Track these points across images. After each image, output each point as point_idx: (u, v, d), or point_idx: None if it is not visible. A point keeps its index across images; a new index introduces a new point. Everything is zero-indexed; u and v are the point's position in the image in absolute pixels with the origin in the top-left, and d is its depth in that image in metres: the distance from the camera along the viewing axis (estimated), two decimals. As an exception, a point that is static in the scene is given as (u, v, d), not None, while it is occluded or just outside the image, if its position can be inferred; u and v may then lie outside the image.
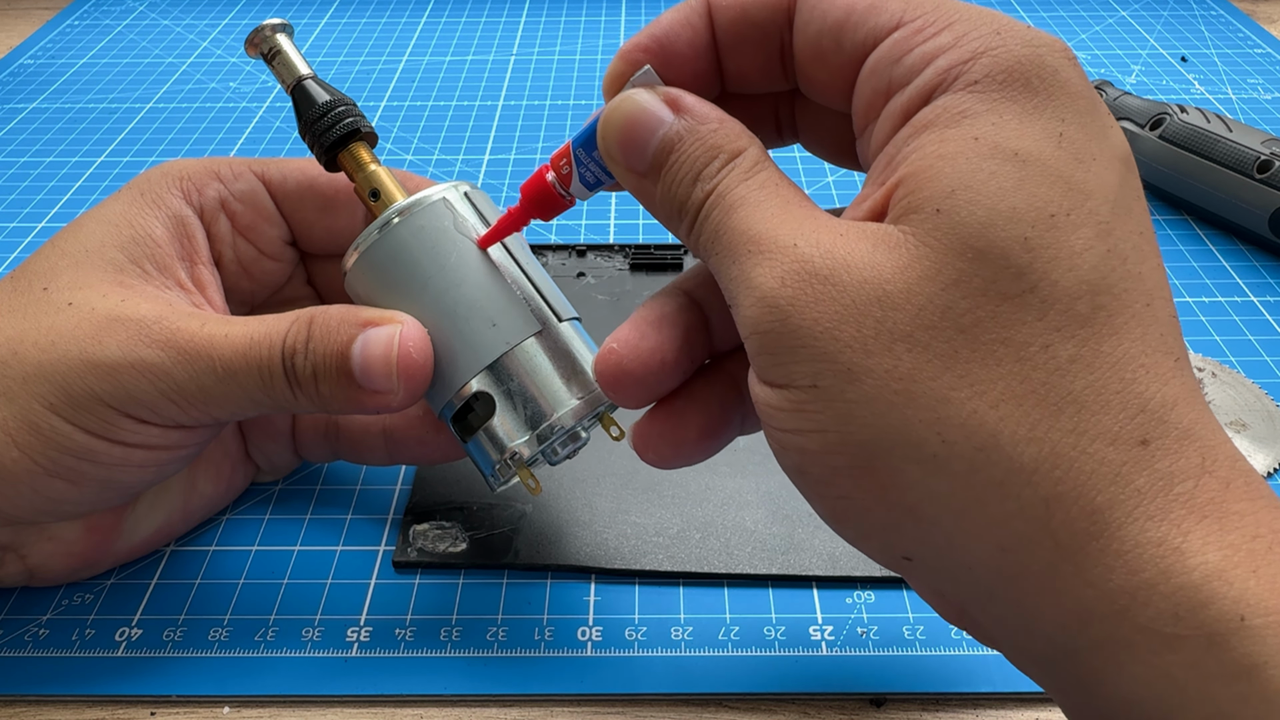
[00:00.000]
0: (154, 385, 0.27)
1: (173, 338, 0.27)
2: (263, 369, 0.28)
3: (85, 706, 0.30)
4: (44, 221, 0.52)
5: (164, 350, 0.27)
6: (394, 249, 0.29)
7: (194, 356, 0.27)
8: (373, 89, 0.66)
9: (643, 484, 0.36)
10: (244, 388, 0.28)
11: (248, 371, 0.27)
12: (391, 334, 0.28)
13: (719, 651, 0.31)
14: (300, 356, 0.28)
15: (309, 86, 0.31)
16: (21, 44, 0.74)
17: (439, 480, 0.36)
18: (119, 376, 0.27)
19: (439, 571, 0.33)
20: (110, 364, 0.27)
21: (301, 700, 0.30)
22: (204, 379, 0.27)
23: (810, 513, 0.34)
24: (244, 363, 0.27)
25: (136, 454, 0.28)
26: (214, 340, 0.28)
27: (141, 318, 0.28)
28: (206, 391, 0.27)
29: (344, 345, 0.28)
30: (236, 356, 0.27)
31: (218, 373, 0.27)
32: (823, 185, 0.55)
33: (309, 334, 0.28)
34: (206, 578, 0.33)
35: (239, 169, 0.33)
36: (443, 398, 0.29)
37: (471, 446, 0.29)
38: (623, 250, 0.48)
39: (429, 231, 0.29)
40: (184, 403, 0.28)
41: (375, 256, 0.29)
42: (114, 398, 0.27)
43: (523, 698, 0.30)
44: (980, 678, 0.30)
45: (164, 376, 0.27)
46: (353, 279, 0.30)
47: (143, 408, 0.27)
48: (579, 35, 0.75)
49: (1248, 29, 0.73)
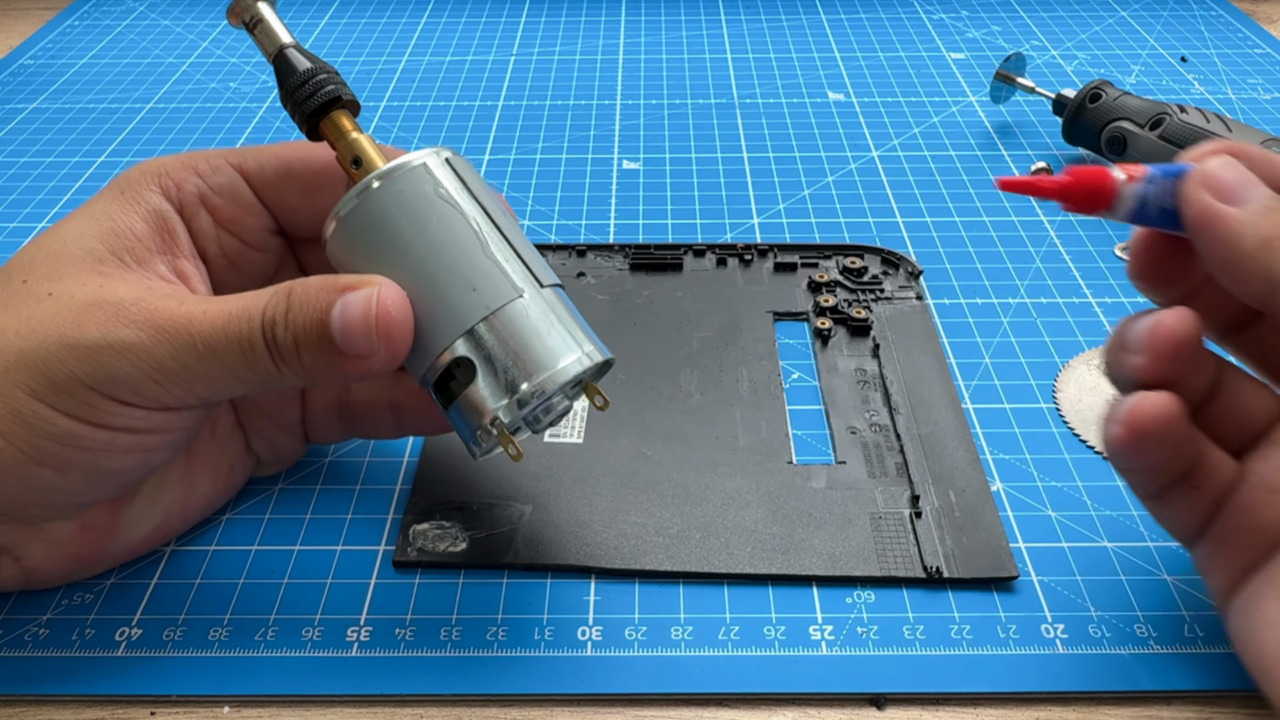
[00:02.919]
0: (134, 365, 0.27)
1: (151, 317, 0.27)
2: (243, 343, 0.27)
3: (85, 706, 0.30)
4: (44, 221, 0.52)
5: (142, 329, 0.27)
6: (374, 214, 0.29)
7: (173, 334, 0.27)
8: (373, 89, 0.66)
9: (643, 484, 0.36)
10: (226, 364, 0.28)
11: (228, 346, 0.27)
12: (369, 295, 0.28)
13: (719, 651, 0.31)
14: (280, 328, 0.27)
15: (290, 55, 0.30)
16: (22, 44, 0.74)
17: (439, 480, 0.36)
18: (99, 358, 0.27)
19: (439, 571, 0.33)
20: (89, 346, 0.27)
21: (301, 700, 0.30)
22: (185, 356, 0.27)
23: (810, 512, 0.34)
24: (224, 338, 0.27)
25: (122, 438, 0.28)
26: (192, 317, 0.28)
27: (119, 300, 0.28)
28: (189, 370, 0.27)
29: (323, 311, 0.27)
30: (216, 332, 0.27)
31: (198, 349, 0.27)
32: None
33: (288, 304, 0.28)
34: (206, 577, 0.33)
35: (216, 162, 0.33)
36: (424, 364, 0.29)
37: (453, 414, 0.29)
38: (623, 250, 0.48)
39: (409, 196, 0.29)
40: (166, 382, 0.27)
41: (355, 222, 0.29)
42: (95, 380, 0.27)
43: (523, 698, 0.30)
44: (980, 678, 0.30)
45: (144, 355, 0.27)
46: (333, 247, 0.30)
47: (125, 389, 0.27)
48: (579, 35, 0.75)
49: (1247, 29, 0.73)
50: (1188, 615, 0.31)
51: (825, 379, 0.41)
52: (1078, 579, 0.33)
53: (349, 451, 0.38)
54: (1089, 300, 0.45)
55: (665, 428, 0.38)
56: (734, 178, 0.56)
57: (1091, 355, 0.42)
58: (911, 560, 0.33)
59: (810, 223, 0.51)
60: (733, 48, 0.72)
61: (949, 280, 0.47)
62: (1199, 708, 0.29)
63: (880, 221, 0.51)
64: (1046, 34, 0.73)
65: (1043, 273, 0.47)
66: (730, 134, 0.60)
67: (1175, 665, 0.30)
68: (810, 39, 0.73)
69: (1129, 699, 0.30)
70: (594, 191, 0.54)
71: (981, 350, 0.42)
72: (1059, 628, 0.31)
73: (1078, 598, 0.32)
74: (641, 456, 0.37)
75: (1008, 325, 0.44)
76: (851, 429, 0.38)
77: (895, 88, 0.66)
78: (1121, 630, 0.31)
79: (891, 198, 0.53)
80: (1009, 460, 0.37)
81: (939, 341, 0.42)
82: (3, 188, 0.55)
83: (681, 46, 0.72)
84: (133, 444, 0.29)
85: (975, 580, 0.32)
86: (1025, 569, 0.33)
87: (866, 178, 0.55)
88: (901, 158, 0.57)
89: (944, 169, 0.56)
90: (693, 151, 0.58)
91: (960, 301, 0.45)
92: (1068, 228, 0.51)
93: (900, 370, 0.40)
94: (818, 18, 0.77)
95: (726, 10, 0.79)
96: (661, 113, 0.63)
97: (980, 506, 0.35)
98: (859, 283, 0.45)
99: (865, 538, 0.34)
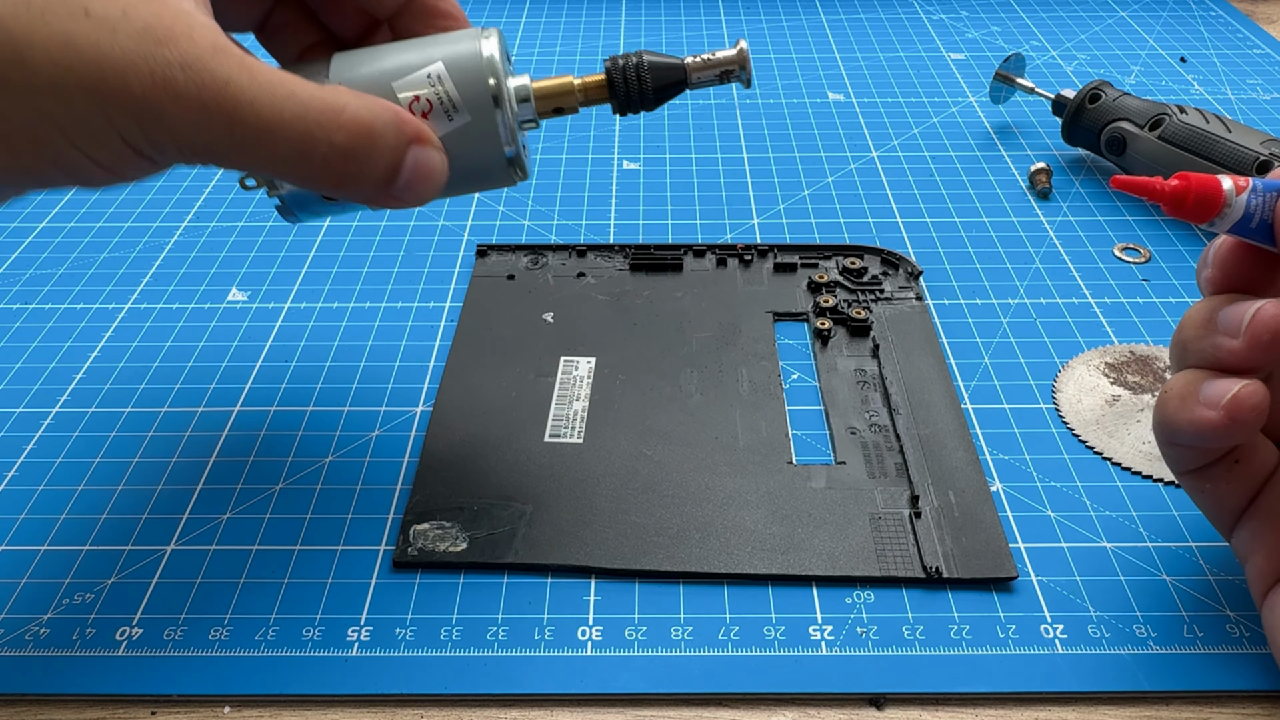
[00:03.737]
0: (177, 139, 0.25)
1: (208, 89, 0.25)
2: (304, 145, 0.26)
3: (85, 706, 0.30)
4: (45, 221, 0.52)
5: (201, 110, 0.25)
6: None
7: (233, 117, 0.25)
8: (373, 89, 0.66)
9: (643, 484, 0.36)
10: (270, 155, 0.26)
11: (288, 142, 0.26)
12: (438, 160, 0.29)
13: (719, 651, 0.31)
14: (352, 158, 0.27)
15: None
16: (21, 44, 0.73)
17: (439, 480, 0.36)
18: (146, 121, 0.24)
19: (439, 571, 0.33)
20: (141, 101, 0.24)
21: (301, 700, 0.30)
22: (235, 137, 0.25)
23: (810, 513, 0.34)
24: (285, 133, 0.26)
25: (108, 176, 0.26)
26: (256, 102, 0.25)
27: (174, 53, 0.24)
28: (229, 150, 0.26)
29: (398, 162, 0.28)
30: (280, 124, 0.26)
31: (250, 134, 0.25)
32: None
33: (371, 139, 0.27)
34: (207, 577, 0.33)
35: None
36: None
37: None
38: (623, 250, 0.48)
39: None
40: (196, 155, 0.26)
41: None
42: (131, 138, 0.25)
43: (523, 698, 0.30)
44: (980, 678, 0.30)
45: (193, 130, 0.25)
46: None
47: (156, 149, 0.25)
48: (579, 35, 0.75)
49: (1247, 29, 0.73)
50: (1187, 616, 0.31)
51: (825, 379, 0.41)
52: (1077, 579, 0.33)
53: (349, 451, 0.38)
54: (1088, 301, 0.45)
55: (665, 428, 0.38)
56: (734, 178, 0.56)
57: (1091, 356, 0.42)
58: (911, 560, 0.33)
59: (810, 223, 0.51)
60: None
61: (949, 281, 0.47)
62: (1198, 708, 0.29)
63: (880, 222, 0.51)
64: (1046, 34, 0.73)
65: (1042, 273, 0.47)
66: (730, 134, 0.60)
67: (1175, 665, 0.30)
68: (810, 39, 0.73)
69: (1128, 699, 0.30)
70: (594, 192, 0.54)
71: (981, 351, 0.43)
72: (1058, 628, 0.31)
73: (1077, 598, 0.32)
74: (641, 456, 0.37)
75: (1007, 326, 0.44)
76: (851, 429, 0.38)
77: (895, 88, 0.66)
78: (1121, 630, 0.31)
79: (891, 198, 0.53)
80: (1008, 460, 0.37)
81: (939, 342, 0.42)
82: (3, 187, 0.55)
83: (681, 47, 0.73)
84: (110, 178, 0.26)
85: (975, 580, 0.32)
86: (1025, 569, 0.33)
87: (866, 178, 0.55)
88: (901, 158, 0.57)
89: (944, 169, 0.56)
90: (693, 151, 0.58)
91: (960, 302, 0.45)
92: (1067, 228, 0.51)
93: (900, 371, 0.40)
94: (818, 18, 0.77)
95: (726, 10, 0.79)
96: (662, 113, 0.63)
97: (980, 507, 0.35)
98: (859, 283, 0.45)
99: (865, 538, 0.34)
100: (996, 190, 0.54)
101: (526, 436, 0.38)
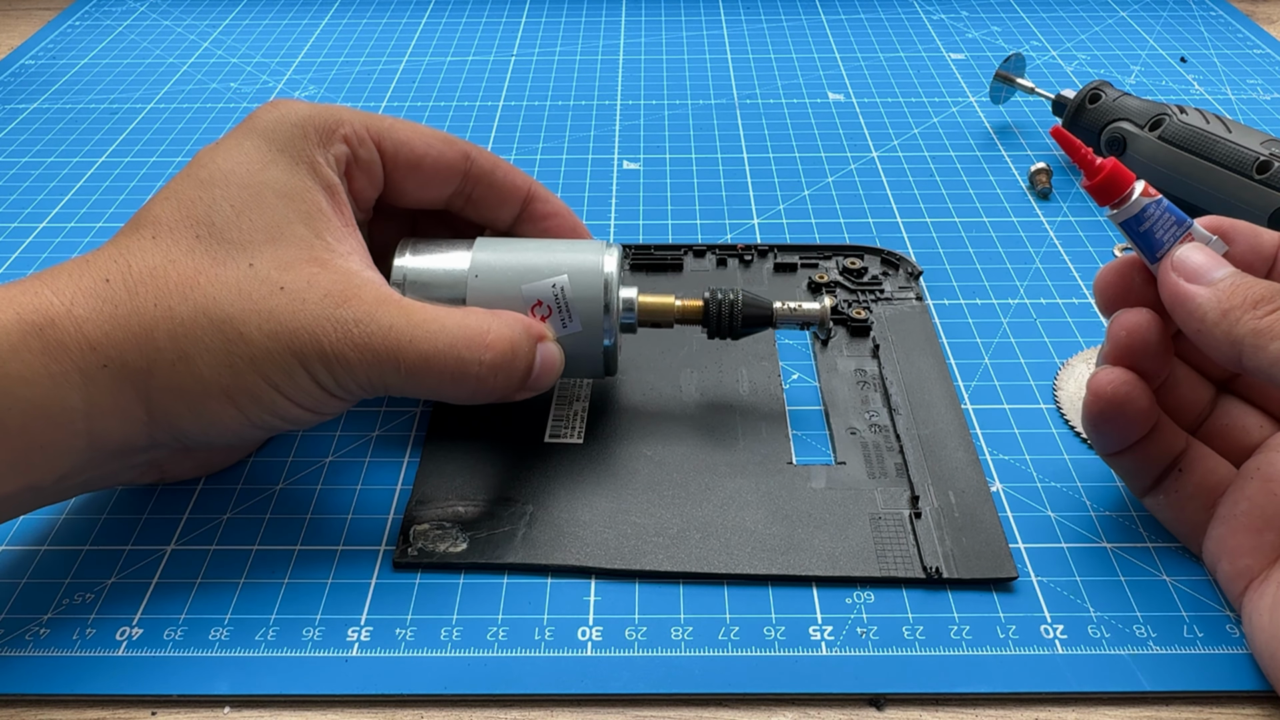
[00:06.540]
0: (357, 378, 0.31)
1: (370, 340, 0.30)
2: (454, 373, 0.31)
3: (85, 706, 0.30)
4: (44, 221, 0.52)
5: (366, 354, 0.30)
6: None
7: (392, 361, 0.31)
8: (373, 89, 0.66)
9: (643, 484, 0.36)
10: (426, 384, 0.32)
11: (440, 372, 0.31)
12: (557, 353, 0.34)
13: (718, 651, 0.31)
14: (492, 372, 0.32)
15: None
16: (22, 44, 0.74)
17: (439, 480, 0.36)
18: (331, 368, 0.30)
19: (439, 571, 0.33)
20: (325, 355, 0.30)
21: (301, 700, 0.30)
22: (396, 377, 0.31)
23: (810, 513, 0.34)
24: (435, 365, 0.31)
25: (314, 416, 0.32)
26: (400, 347, 0.31)
27: (346, 313, 0.30)
28: (393, 386, 0.31)
29: (528, 366, 0.33)
30: (427, 360, 0.31)
31: (402, 373, 0.31)
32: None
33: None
34: (207, 577, 0.33)
35: (360, 133, 0.34)
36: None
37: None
38: (623, 251, 0.48)
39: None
40: (374, 390, 0.31)
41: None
42: (326, 384, 0.30)
43: (523, 698, 0.30)
44: (980, 678, 0.30)
45: (369, 372, 0.30)
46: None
47: (345, 390, 0.31)
48: (579, 35, 0.75)
49: (1247, 29, 0.73)
50: (1187, 616, 0.31)
51: (825, 379, 0.41)
52: (1077, 579, 0.33)
53: (349, 452, 0.38)
54: (1088, 301, 0.45)
55: (665, 428, 0.38)
56: (734, 178, 0.56)
57: (1090, 355, 0.42)
58: (911, 561, 0.33)
59: (810, 223, 0.51)
60: (733, 48, 0.72)
61: (949, 281, 0.47)
62: (1198, 708, 0.29)
63: (880, 222, 0.51)
64: (1046, 34, 0.73)
65: (1042, 273, 0.47)
66: (730, 134, 0.60)
67: (1174, 665, 0.30)
68: (810, 39, 0.73)
69: (1128, 699, 0.30)
70: (594, 192, 0.54)
71: (981, 351, 0.43)
72: (1058, 628, 0.31)
73: (1077, 598, 0.32)
74: (641, 456, 0.37)
75: (1007, 326, 0.44)
76: (851, 429, 0.38)
77: (895, 88, 0.66)
78: (1121, 631, 0.31)
79: (891, 198, 0.53)
80: (1008, 461, 0.37)
81: (939, 342, 0.42)
82: (3, 188, 0.55)
83: (681, 47, 0.73)
84: (315, 418, 0.32)
85: (975, 581, 0.32)
86: (1025, 569, 0.33)
87: (866, 178, 0.55)
88: (901, 158, 0.57)
89: (944, 169, 0.56)
90: (693, 152, 0.58)
91: (960, 302, 0.45)
92: (1067, 228, 0.51)
93: (900, 371, 0.40)
94: (818, 18, 0.77)
95: (726, 10, 0.79)
96: (661, 113, 0.63)
97: (980, 507, 0.35)
98: (859, 283, 0.45)
99: (865, 538, 0.34)
100: (996, 190, 0.54)
101: (526, 436, 0.38)
